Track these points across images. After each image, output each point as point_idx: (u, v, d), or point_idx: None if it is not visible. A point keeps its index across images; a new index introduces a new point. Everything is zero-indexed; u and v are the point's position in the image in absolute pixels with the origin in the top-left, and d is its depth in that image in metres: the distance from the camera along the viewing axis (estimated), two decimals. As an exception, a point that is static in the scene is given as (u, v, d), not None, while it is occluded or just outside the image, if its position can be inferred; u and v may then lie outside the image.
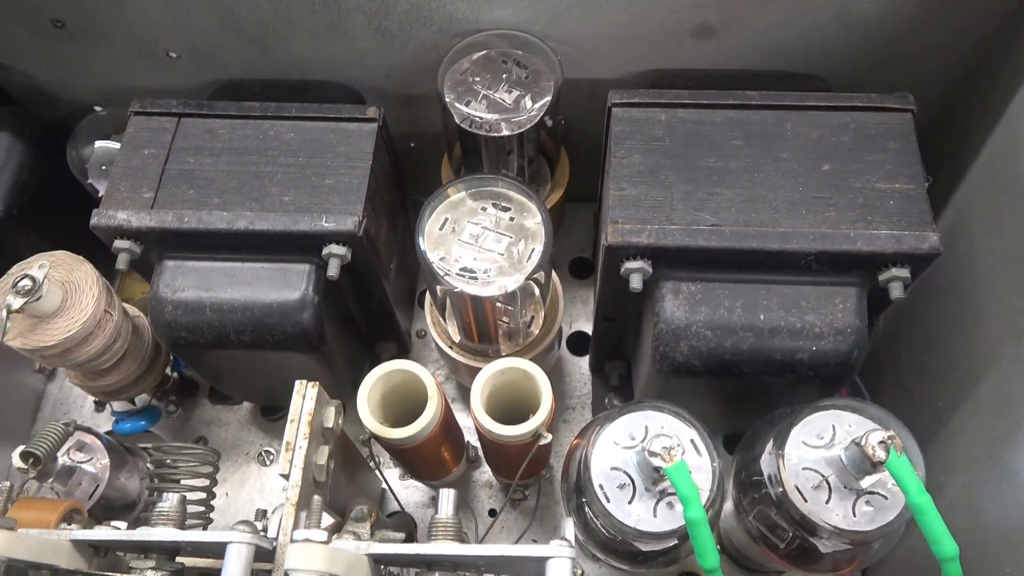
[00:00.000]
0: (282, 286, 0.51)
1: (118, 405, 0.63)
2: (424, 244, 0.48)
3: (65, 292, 0.51)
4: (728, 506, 0.53)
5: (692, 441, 0.44)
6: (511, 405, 0.54)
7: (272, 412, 0.68)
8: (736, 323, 0.47)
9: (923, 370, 0.63)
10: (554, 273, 0.59)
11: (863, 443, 0.39)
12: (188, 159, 0.52)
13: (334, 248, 0.50)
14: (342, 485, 0.51)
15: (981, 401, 0.54)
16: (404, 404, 0.52)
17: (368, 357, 0.67)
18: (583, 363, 0.69)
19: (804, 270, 0.47)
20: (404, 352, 0.69)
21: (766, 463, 0.46)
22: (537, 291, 0.55)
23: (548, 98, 0.54)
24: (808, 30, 0.54)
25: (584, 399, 0.67)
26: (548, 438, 0.48)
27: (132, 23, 0.58)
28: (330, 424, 0.42)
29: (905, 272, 0.46)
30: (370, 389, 0.48)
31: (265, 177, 0.52)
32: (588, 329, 0.70)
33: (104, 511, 0.59)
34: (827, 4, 0.52)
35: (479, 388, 0.48)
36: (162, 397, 0.65)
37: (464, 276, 0.47)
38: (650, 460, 0.39)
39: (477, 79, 0.55)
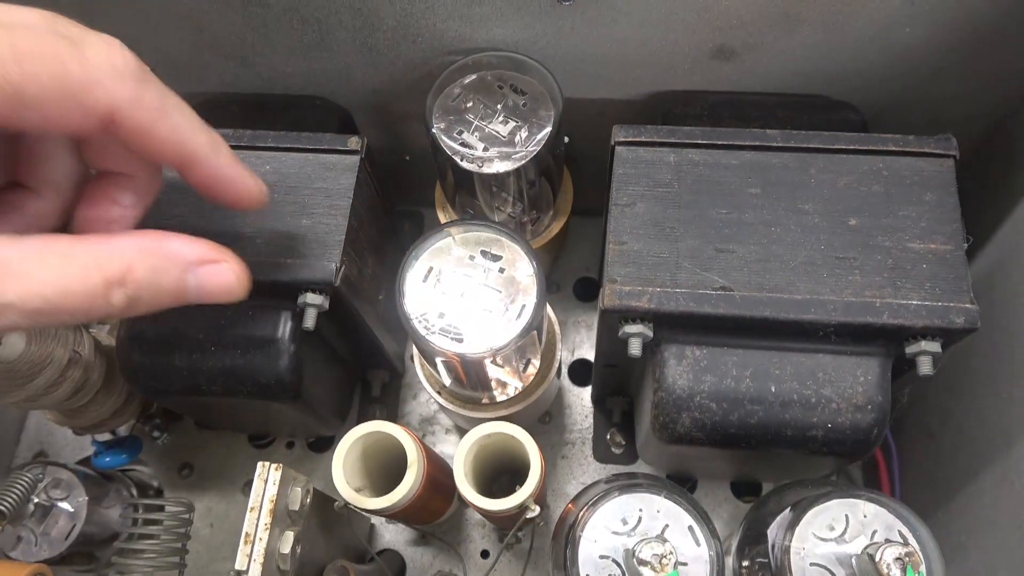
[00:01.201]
0: (256, 333, 0.48)
1: (99, 434, 0.61)
2: (406, 301, 0.44)
3: (29, 336, 0.48)
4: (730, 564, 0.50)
5: (690, 528, 0.41)
6: (499, 463, 0.51)
7: (259, 439, 0.65)
8: (744, 395, 0.43)
9: (949, 417, 0.58)
10: (550, 310, 0.55)
11: (877, 559, 0.35)
12: (157, 193, 0.49)
13: (310, 297, 0.46)
14: (320, 542, 0.48)
15: (1012, 468, 0.49)
16: (386, 462, 0.49)
17: (358, 384, 0.64)
18: (585, 394, 0.65)
19: (823, 339, 0.42)
20: (397, 378, 0.66)
21: (773, 550, 0.43)
22: (534, 334, 0.52)
23: (548, 130, 0.49)
24: (840, 56, 0.48)
25: (585, 434, 0.64)
26: (536, 511, 0.45)
27: (100, 35, 0.53)
28: (296, 507, 0.39)
29: (936, 346, 0.41)
30: (346, 452, 0.45)
31: (236, 215, 0.48)
32: (592, 357, 0.66)
33: (84, 546, 0.57)
34: (863, 29, 0.46)
35: (463, 455, 0.45)
36: (147, 422, 0.63)
37: (448, 335, 0.43)
38: (639, 569, 0.36)
39: (469, 105, 0.50)
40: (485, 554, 0.61)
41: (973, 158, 0.54)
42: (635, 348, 0.42)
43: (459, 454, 0.45)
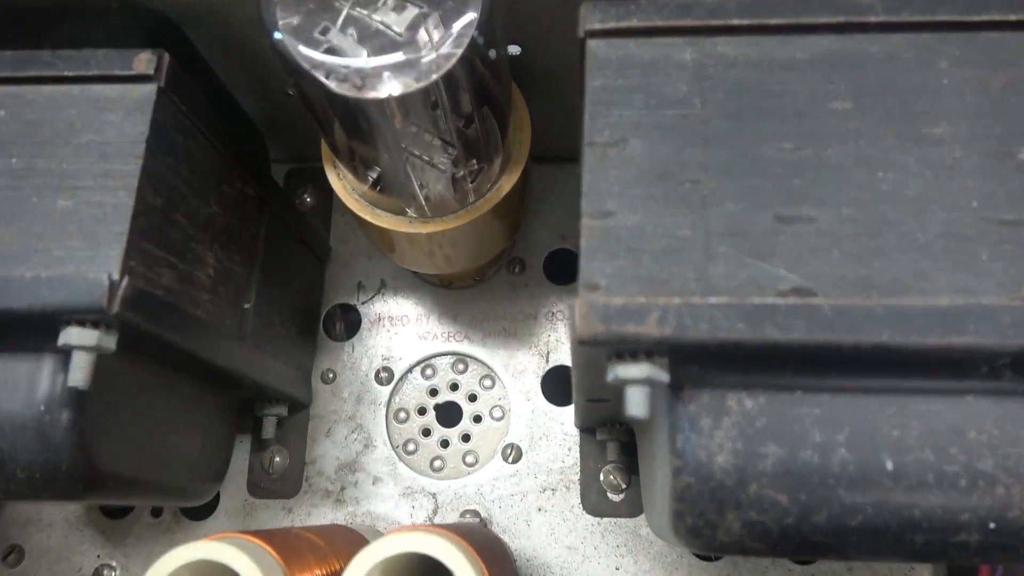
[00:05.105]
0: (3, 396, 0.29)
1: None
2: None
3: None
4: None
5: None
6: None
7: (113, 508, 0.46)
8: (838, 476, 0.24)
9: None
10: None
11: None
12: None
13: (73, 334, 0.27)
14: None
15: None
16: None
17: (238, 429, 0.45)
18: (566, 418, 0.46)
19: (983, 376, 0.23)
20: (300, 410, 0.47)
21: None
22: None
23: (471, 16, 0.29)
24: None
25: (569, 474, 0.45)
26: None
27: None
28: None
29: None
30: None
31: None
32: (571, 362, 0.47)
33: None
34: None
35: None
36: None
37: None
38: None
39: (339, -13, 0.29)
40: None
41: None
42: (638, 406, 0.23)
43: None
